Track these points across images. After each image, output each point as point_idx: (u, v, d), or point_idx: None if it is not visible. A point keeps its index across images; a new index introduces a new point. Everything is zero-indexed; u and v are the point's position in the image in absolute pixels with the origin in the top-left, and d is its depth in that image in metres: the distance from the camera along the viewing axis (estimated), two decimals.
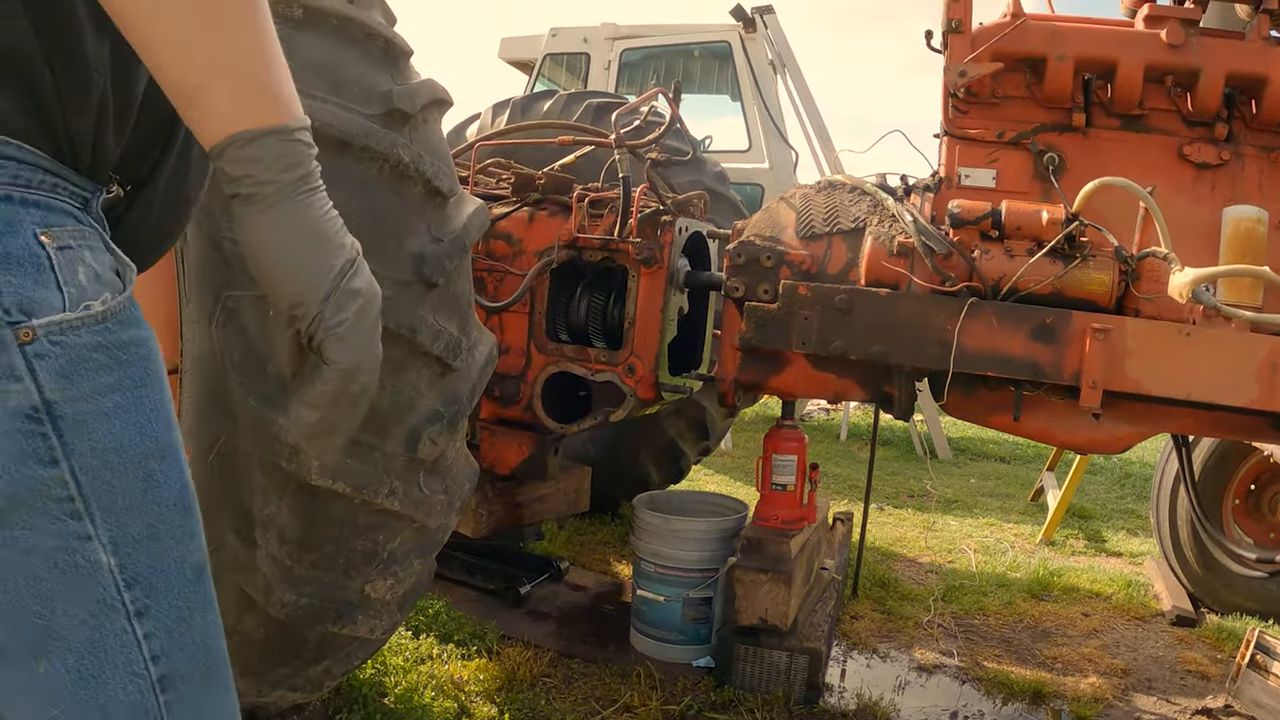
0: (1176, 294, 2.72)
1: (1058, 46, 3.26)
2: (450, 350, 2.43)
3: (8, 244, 0.97)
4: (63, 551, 1.01)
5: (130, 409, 1.07)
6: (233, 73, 0.99)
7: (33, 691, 1.02)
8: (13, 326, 0.96)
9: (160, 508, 1.11)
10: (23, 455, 0.98)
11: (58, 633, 1.02)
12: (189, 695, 1.12)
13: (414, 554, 2.53)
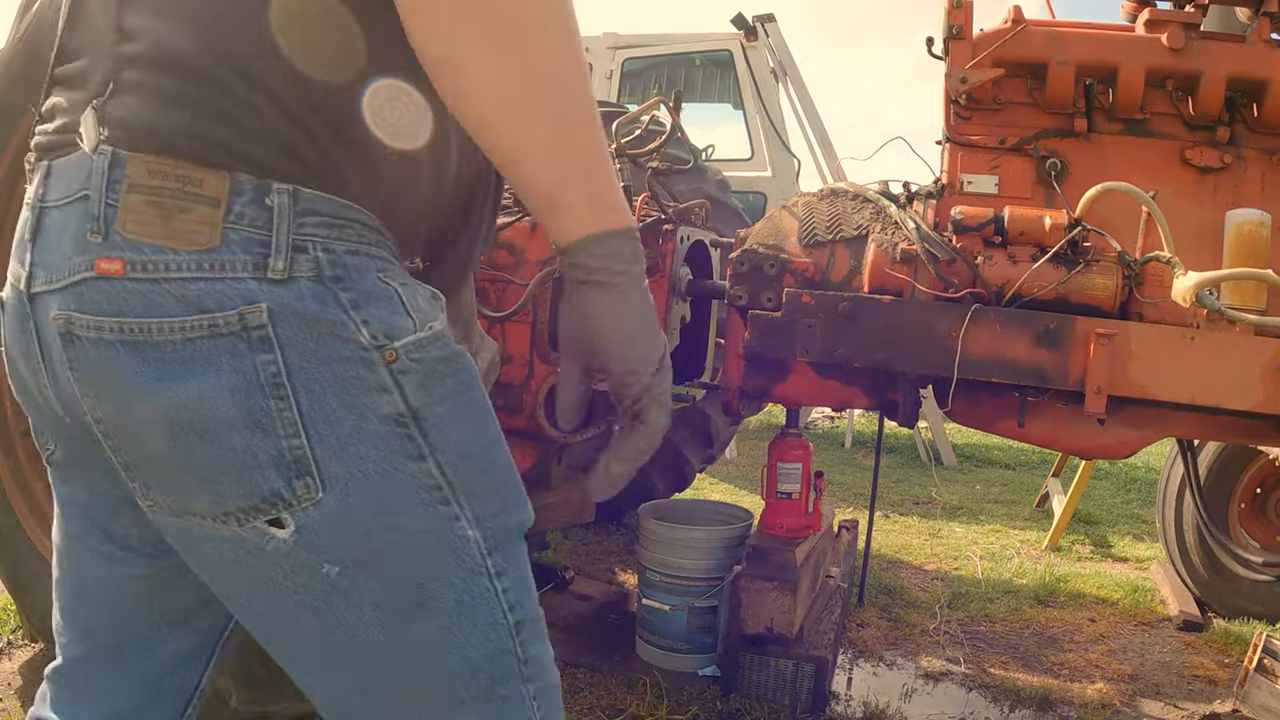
0: (1180, 298, 2.72)
1: (1059, 52, 3.26)
2: None
3: (364, 284, 1.19)
4: (437, 532, 1.24)
5: (468, 408, 1.29)
6: (584, 181, 1.19)
7: (408, 652, 1.25)
8: (379, 350, 1.19)
9: (501, 484, 1.33)
10: (395, 454, 1.20)
11: (432, 599, 1.24)
12: (536, 630, 1.36)
13: None
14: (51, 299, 1.19)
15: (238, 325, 1.13)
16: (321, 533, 1.20)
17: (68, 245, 1.18)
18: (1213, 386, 2.89)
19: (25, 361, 1.30)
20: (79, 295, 1.16)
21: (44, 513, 3.35)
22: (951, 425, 9.33)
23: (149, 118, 1.15)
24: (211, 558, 1.26)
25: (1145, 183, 3.07)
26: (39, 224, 1.23)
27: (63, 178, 1.20)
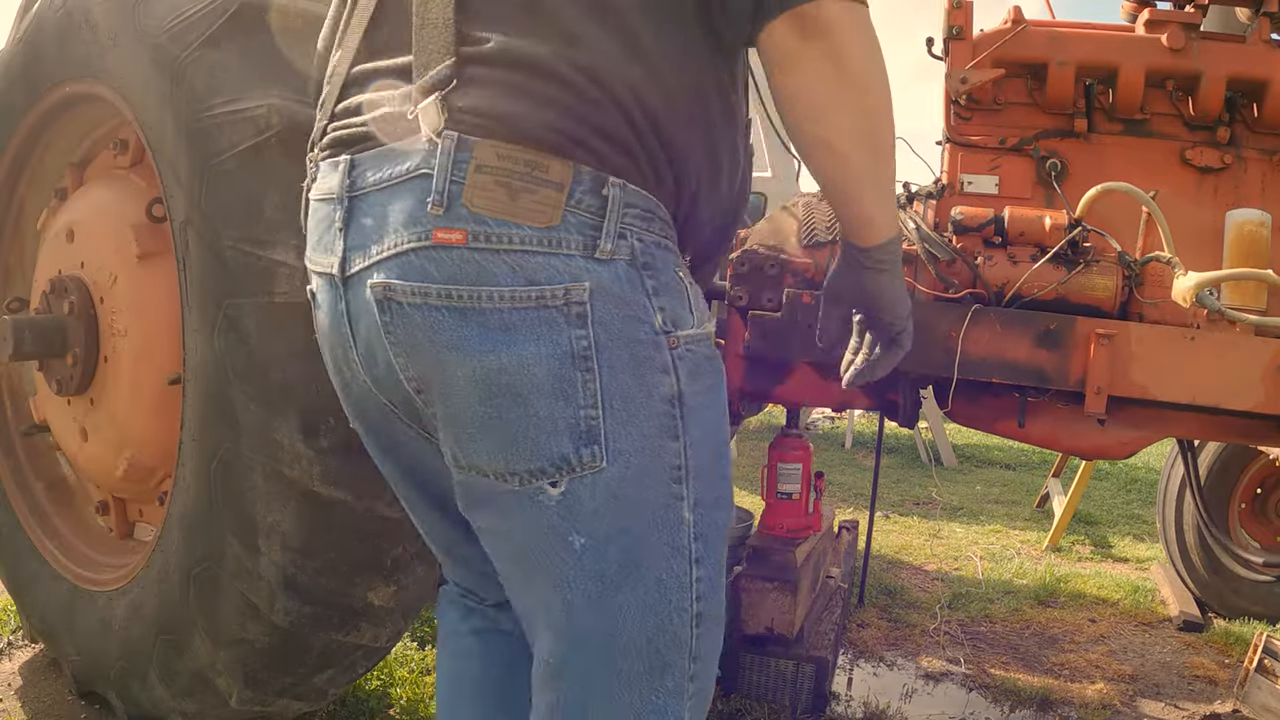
0: (1180, 298, 2.72)
1: (1059, 52, 3.26)
2: None
3: (664, 277, 1.40)
4: (664, 507, 1.40)
5: (716, 404, 1.48)
6: (889, 208, 1.58)
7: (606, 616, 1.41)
8: (666, 335, 1.38)
9: (723, 481, 1.49)
10: (663, 432, 1.39)
11: (641, 570, 1.40)
12: (712, 633, 1.48)
13: (417, 560, 2.53)
14: (369, 273, 1.37)
15: (562, 300, 1.32)
16: (586, 500, 1.36)
17: (395, 219, 1.35)
18: (1213, 387, 2.89)
19: (336, 343, 1.52)
20: (403, 263, 1.34)
21: (44, 513, 3.35)
22: (951, 425, 9.32)
23: (501, 108, 1.32)
24: (483, 510, 1.47)
25: (1145, 183, 3.07)
26: (351, 211, 1.41)
27: (384, 162, 1.38)
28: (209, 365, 2.30)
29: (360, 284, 1.39)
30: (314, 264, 1.51)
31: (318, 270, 1.50)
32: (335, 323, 1.49)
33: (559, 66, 1.32)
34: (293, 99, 2.26)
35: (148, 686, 2.67)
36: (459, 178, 1.31)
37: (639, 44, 1.37)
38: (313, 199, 1.52)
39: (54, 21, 2.80)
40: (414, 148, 1.34)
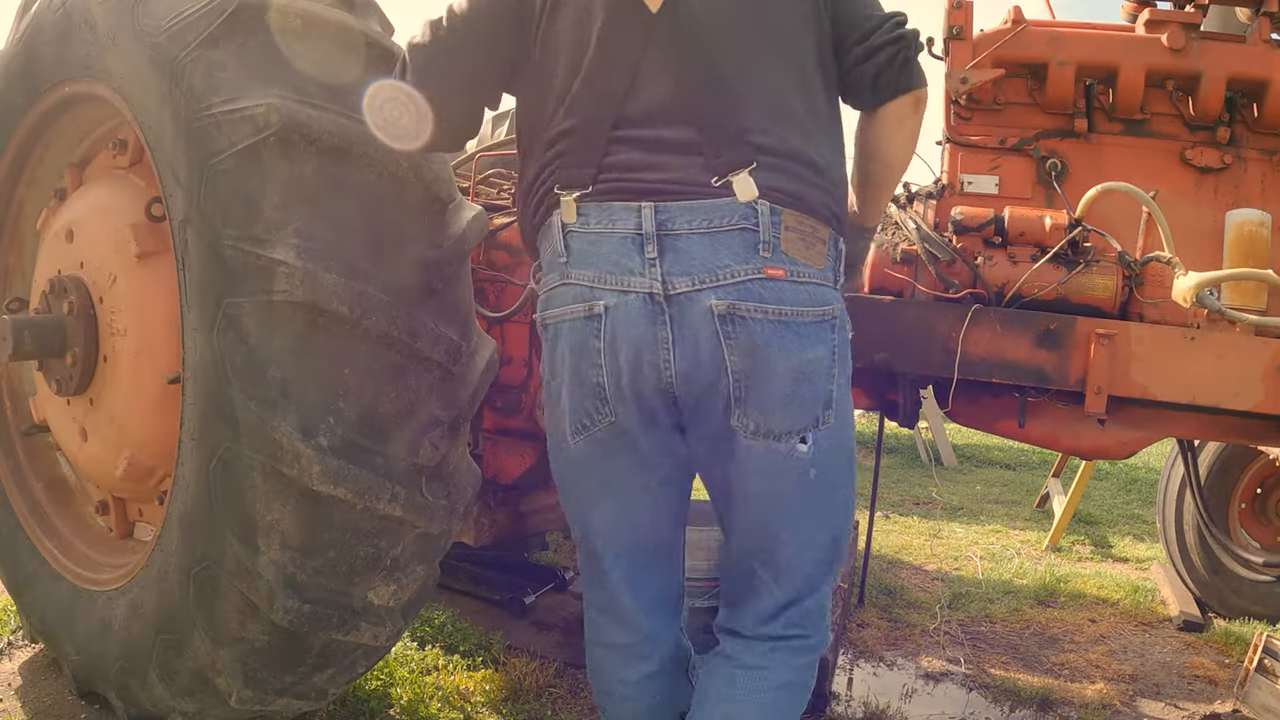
0: (1180, 298, 2.72)
1: (1059, 52, 3.26)
2: (451, 355, 2.43)
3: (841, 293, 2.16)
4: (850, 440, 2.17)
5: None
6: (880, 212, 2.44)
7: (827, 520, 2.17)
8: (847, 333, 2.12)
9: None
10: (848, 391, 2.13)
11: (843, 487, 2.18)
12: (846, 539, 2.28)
13: (417, 560, 2.53)
14: (704, 294, 1.93)
15: (833, 315, 2.05)
16: (820, 444, 2.05)
17: (727, 258, 1.94)
18: (1213, 387, 2.90)
19: (645, 343, 1.96)
20: (742, 289, 1.94)
21: (44, 513, 3.35)
22: (951, 425, 9.32)
23: (793, 189, 1.99)
24: (750, 464, 2.04)
25: (1145, 183, 3.07)
26: (662, 246, 1.94)
27: (695, 215, 1.95)
28: (208, 364, 2.30)
29: (691, 301, 1.93)
30: (610, 283, 1.97)
31: (619, 289, 1.96)
32: (650, 327, 1.95)
33: (813, 158, 2.03)
34: (291, 98, 2.26)
35: (147, 686, 2.66)
36: (776, 234, 1.96)
37: (833, 134, 2.13)
38: (596, 230, 1.99)
39: (53, 22, 2.80)
40: (730, 208, 1.95)
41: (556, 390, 2.12)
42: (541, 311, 2.14)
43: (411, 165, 2.39)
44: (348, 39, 2.45)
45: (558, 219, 2.04)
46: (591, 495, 2.18)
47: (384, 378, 2.32)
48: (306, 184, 2.25)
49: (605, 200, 1.99)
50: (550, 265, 2.09)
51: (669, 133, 1.99)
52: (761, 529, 2.13)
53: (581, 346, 2.01)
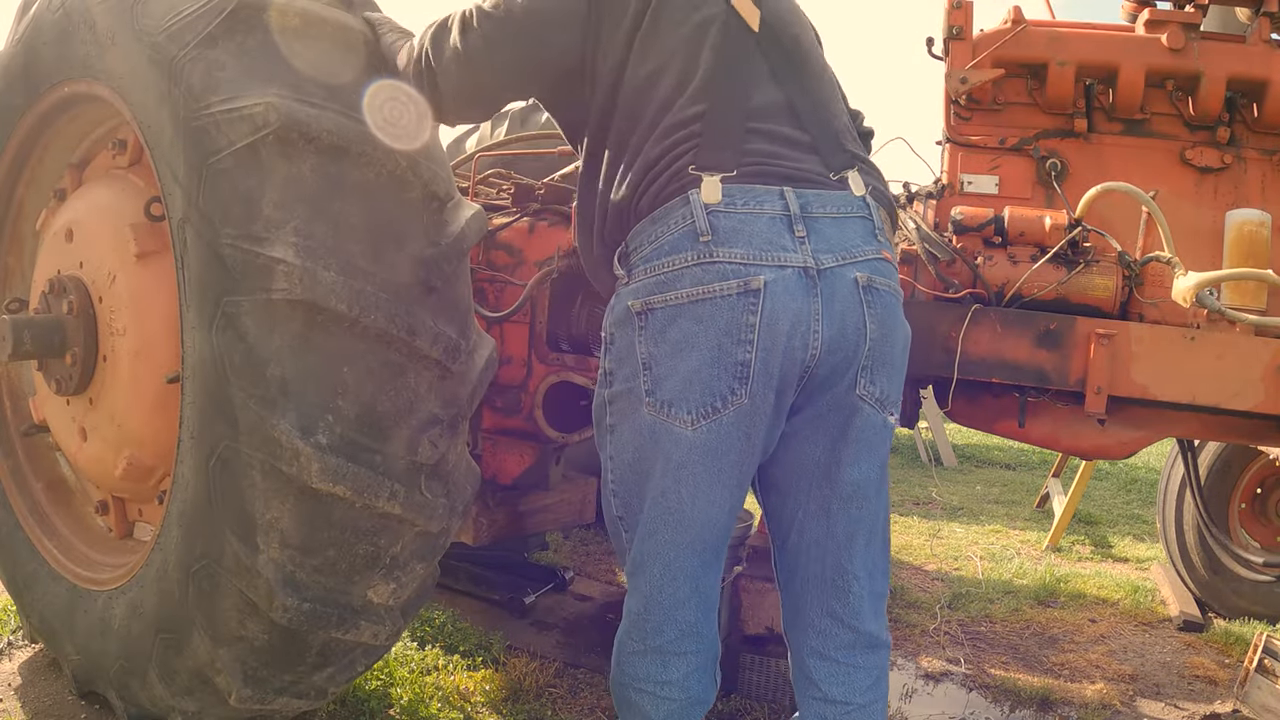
0: (1180, 298, 2.72)
1: (1059, 52, 3.26)
2: (449, 353, 2.43)
3: None
4: None
5: None
6: None
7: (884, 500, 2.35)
8: None
9: None
10: None
11: None
12: None
13: (416, 558, 2.53)
14: (847, 269, 2.09)
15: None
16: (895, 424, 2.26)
17: (855, 239, 2.13)
18: (1213, 387, 2.90)
19: (801, 314, 2.03)
20: (872, 266, 2.14)
21: (44, 513, 3.35)
22: (951, 425, 9.32)
23: (878, 191, 2.29)
24: (859, 433, 2.17)
25: (1145, 183, 3.07)
26: (809, 227, 2.08)
27: (826, 202, 2.13)
28: (207, 363, 2.29)
29: (837, 275, 2.08)
30: (767, 259, 2.03)
31: (777, 264, 2.04)
32: (805, 300, 2.04)
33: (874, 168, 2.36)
34: (290, 97, 2.26)
35: (147, 685, 2.66)
36: (880, 223, 2.22)
37: None
38: (745, 210, 2.07)
39: (52, 22, 2.80)
40: (850, 199, 2.17)
41: (660, 376, 2.09)
42: (651, 294, 2.09)
43: (410, 164, 2.39)
44: (346, 38, 2.46)
45: (695, 199, 2.06)
46: (697, 485, 2.13)
47: (383, 376, 2.31)
48: (305, 182, 2.25)
49: (749, 183, 2.09)
50: (676, 245, 2.07)
51: (789, 131, 2.20)
52: (856, 512, 2.24)
53: (729, 324, 2.02)
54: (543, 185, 3.67)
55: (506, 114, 4.96)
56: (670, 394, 2.07)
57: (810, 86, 2.29)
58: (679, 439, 2.09)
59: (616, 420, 2.21)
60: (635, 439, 2.16)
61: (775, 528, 2.38)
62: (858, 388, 2.14)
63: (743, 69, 2.21)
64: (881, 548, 2.32)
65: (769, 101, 2.21)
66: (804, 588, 2.31)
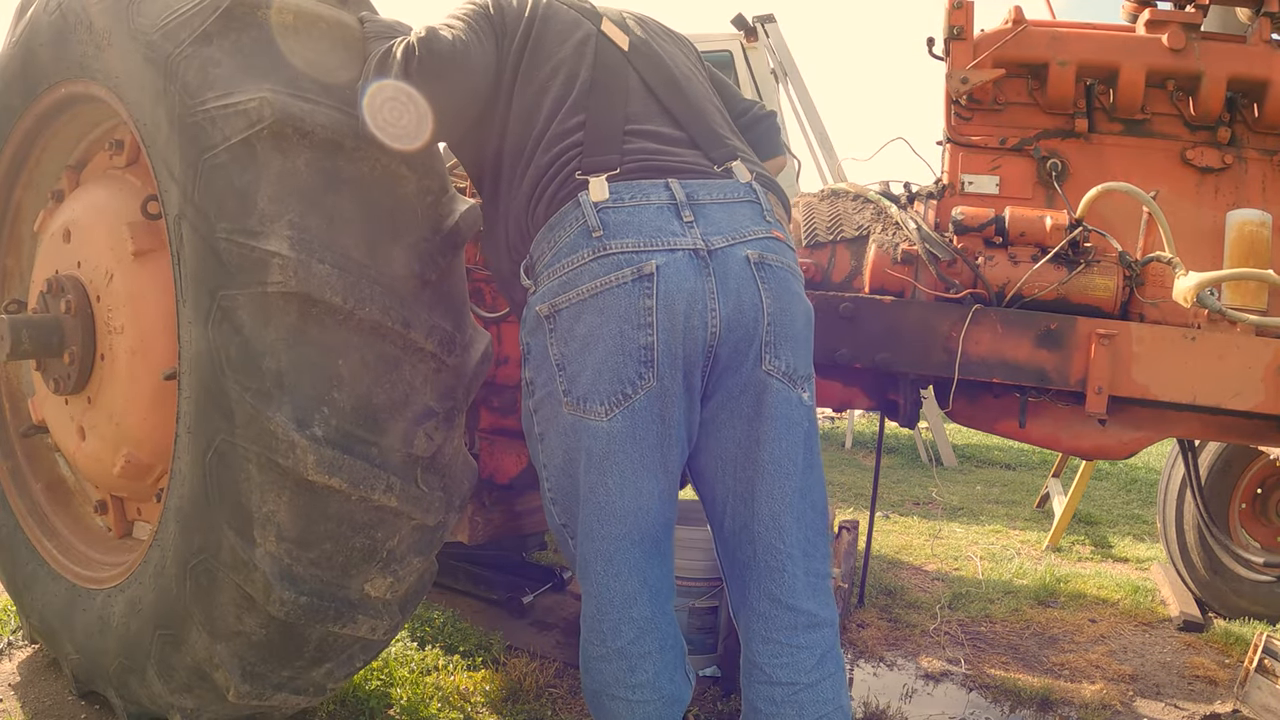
0: (1181, 298, 2.71)
1: (1059, 52, 3.26)
2: (445, 346, 2.43)
3: None
4: None
5: None
6: None
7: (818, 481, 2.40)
8: None
9: None
10: None
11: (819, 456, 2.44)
12: None
13: (413, 552, 2.53)
14: (737, 249, 2.19)
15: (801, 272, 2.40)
16: (810, 402, 2.29)
17: (743, 221, 2.24)
18: (1214, 387, 2.89)
19: (697, 293, 2.12)
20: (763, 245, 2.24)
21: (43, 514, 3.35)
22: (952, 425, 9.33)
23: (763, 177, 2.43)
24: (773, 410, 2.21)
25: (1146, 183, 3.07)
26: (696, 213, 2.20)
27: (712, 189, 2.26)
28: (203, 357, 2.30)
29: (728, 255, 2.17)
30: (657, 245, 2.14)
31: (667, 248, 2.14)
32: (698, 280, 2.13)
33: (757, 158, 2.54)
34: (285, 92, 2.27)
35: (146, 683, 2.66)
36: (769, 206, 2.33)
37: None
38: (633, 203, 2.18)
39: (49, 23, 2.80)
40: (736, 186, 2.31)
41: (573, 374, 2.18)
42: (555, 296, 2.20)
43: (404, 158, 2.40)
44: (341, 34, 2.47)
45: (585, 200, 2.18)
46: (623, 475, 2.18)
47: (378, 368, 2.32)
48: (300, 177, 2.26)
49: (634, 179, 2.22)
50: (573, 246, 2.18)
51: (668, 130, 2.37)
52: (779, 490, 2.25)
53: (628, 310, 2.11)
54: None
55: None
56: (584, 389, 2.16)
57: (683, 92, 2.48)
58: (596, 432, 2.16)
59: (544, 428, 2.30)
60: (562, 442, 2.25)
61: (711, 516, 2.43)
62: (763, 363, 2.21)
63: (616, 81, 2.41)
64: (816, 525, 2.33)
65: (644, 108, 2.40)
66: (741, 572, 2.34)
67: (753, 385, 2.22)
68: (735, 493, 2.31)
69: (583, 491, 2.22)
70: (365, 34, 2.53)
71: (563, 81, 2.40)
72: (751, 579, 2.31)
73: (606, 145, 2.28)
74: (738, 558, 2.35)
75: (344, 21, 2.49)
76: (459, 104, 2.40)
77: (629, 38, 2.53)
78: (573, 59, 2.44)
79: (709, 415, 2.27)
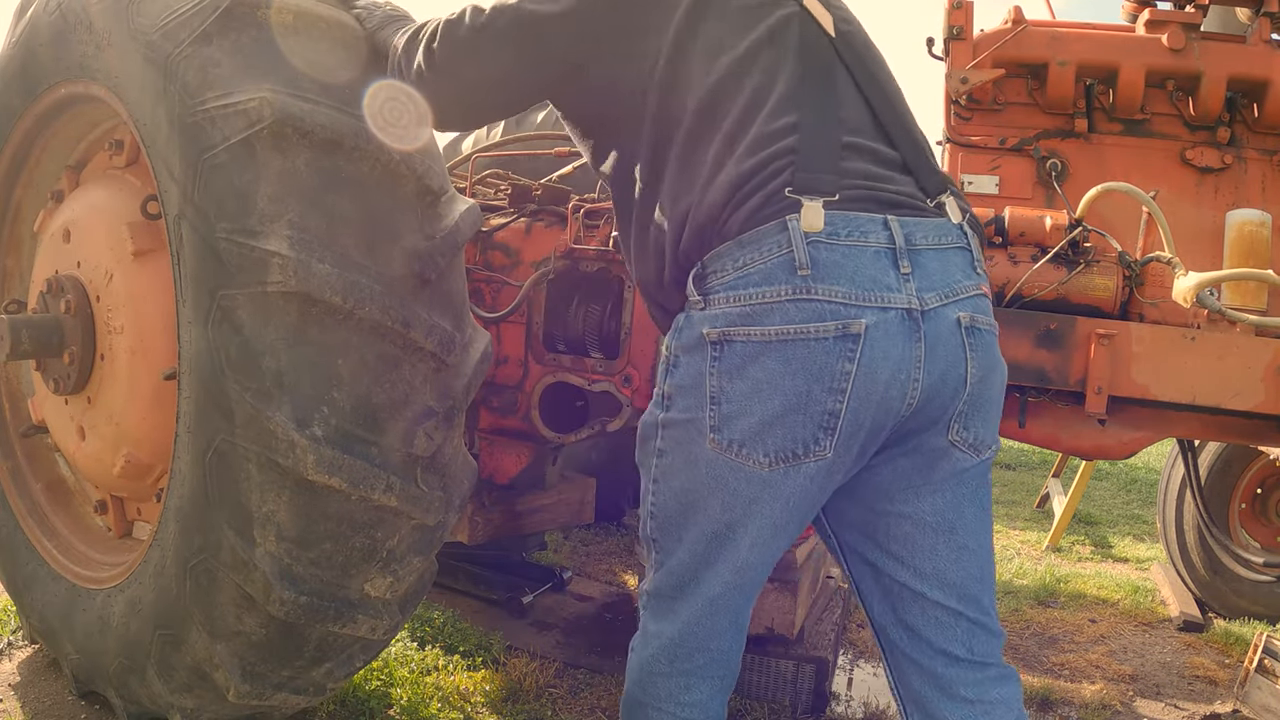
0: (1180, 298, 2.71)
1: (1059, 52, 3.26)
2: (444, 345, 2.43)
3: None
4: None
5: None
6: None
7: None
8: None
9: None
10: None
11: None
12: None
13: (413, 552, 2.53)
14: (950, 309, 1.87)
15: None
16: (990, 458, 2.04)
17: (955, 273, 1.91)
18: (1213, 387, 2.89)
19: (897, 367, 1.82)
20: (973, 304, 1.92)
21: (43, 514, 3.35)
22: None
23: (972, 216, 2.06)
24: (948, 472, 1.98)
25: (1145, 183, 3.07)
26: (913, 262, 1.85)
27: (928, 231, 1.89)
28: (203, 356, 2.30)
29: (940, 317, 1.86)
30: (869, 300, 1.81)
31: (879, 305, 1.81)
32: (907, 345, 1.83)
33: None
34: (284, 92, 2.27)
35: (146, 683, 2.66)
36: (978, 254, 2.01)
37: None
38: (849, 242, 1.83)
39: (49, 24, 2.80)
40: (948, 228, 1.94)
41: (729, 414, 1.87)
42: (731, 325, 1.86)
43: (404, 158, 2.40)
44: (341, 34, 2.47)
45: (794, 227, 1.82)
46: (760, 531, 1.94)
47: (378, 368, 2.32)
48: (299, 176, 2.26)
49: (851, 210, 1.85)
50: (768, 276, 1.83)
51: (884, 150, 1.98)
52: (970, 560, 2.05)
53: (821, 371, 1.80)
54: (539, 186, 3.67)
55: None
56: (741, 434, 1.86)
57: (892, 100, 2.07)
58: (750, 477, 1.89)
59: (668, 446, 2.00)
60: (688, 469, 1.96)
61: (854, 570, 2.18)
62: (949, 433, 1.96)
63: (826, 77, 1.99)
64: (988, 579, 2.13)
65: (858, 116, 1.99)
66: (908, 635, 2.11)
67: (931, 450, 1.98)
68: (892, 553, 2.06)
69: (708, 526, 1.97)
70: (365, 20, 2.51)
71: (764, 70, 1.97)
72: (923, 641, 2.09)
73: (823, 160, 1.89)
74: (901, 619, 2.10)
75: (344, 21, 2.49)
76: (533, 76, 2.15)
77: (832, 18, 2.07)
78: (771, 42, 2.00)
79: (868, 467, 2.01)
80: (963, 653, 2.08)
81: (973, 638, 2.09)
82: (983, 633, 2.10)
